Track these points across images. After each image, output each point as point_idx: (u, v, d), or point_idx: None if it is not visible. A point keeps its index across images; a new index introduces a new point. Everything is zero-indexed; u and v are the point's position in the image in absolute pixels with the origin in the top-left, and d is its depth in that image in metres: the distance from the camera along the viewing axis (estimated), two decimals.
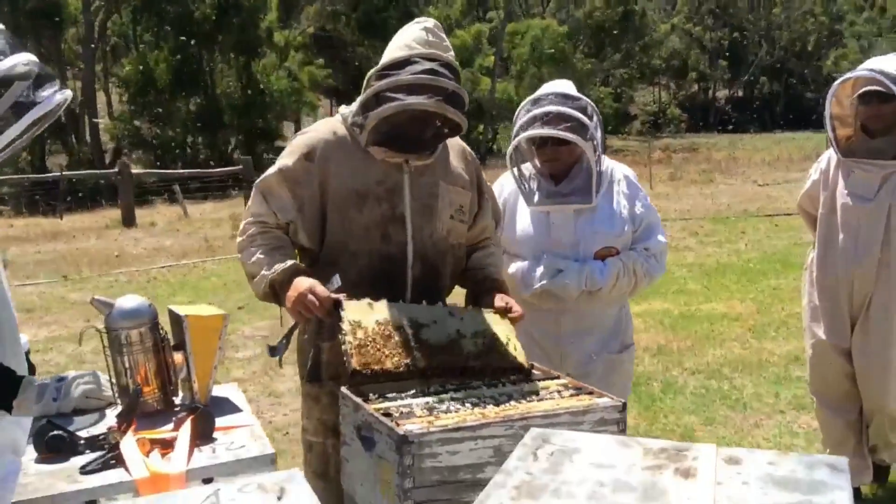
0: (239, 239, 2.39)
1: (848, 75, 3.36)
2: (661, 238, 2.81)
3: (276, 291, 2.25)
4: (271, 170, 2.37)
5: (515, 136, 2.75)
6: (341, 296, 2.14)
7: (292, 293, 2.17)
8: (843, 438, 3.51)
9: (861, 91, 3.26)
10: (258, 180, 2.40)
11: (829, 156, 3.45)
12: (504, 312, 2.30)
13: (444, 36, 2.33)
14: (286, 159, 2.35)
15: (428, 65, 2.23)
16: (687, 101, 50.21)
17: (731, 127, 44.24)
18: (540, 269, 2.71)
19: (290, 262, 2.28)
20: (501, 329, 2.26)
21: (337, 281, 2.16)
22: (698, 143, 35.79)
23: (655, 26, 47.59)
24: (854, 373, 3.42)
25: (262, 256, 2.29)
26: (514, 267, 2.80)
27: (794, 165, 21.81)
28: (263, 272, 2.27)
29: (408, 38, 2.30)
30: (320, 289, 2.15)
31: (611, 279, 2.70)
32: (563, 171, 2.78)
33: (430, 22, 2.36)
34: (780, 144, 31.23)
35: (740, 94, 52.07)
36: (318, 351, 2.39)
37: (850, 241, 3.32)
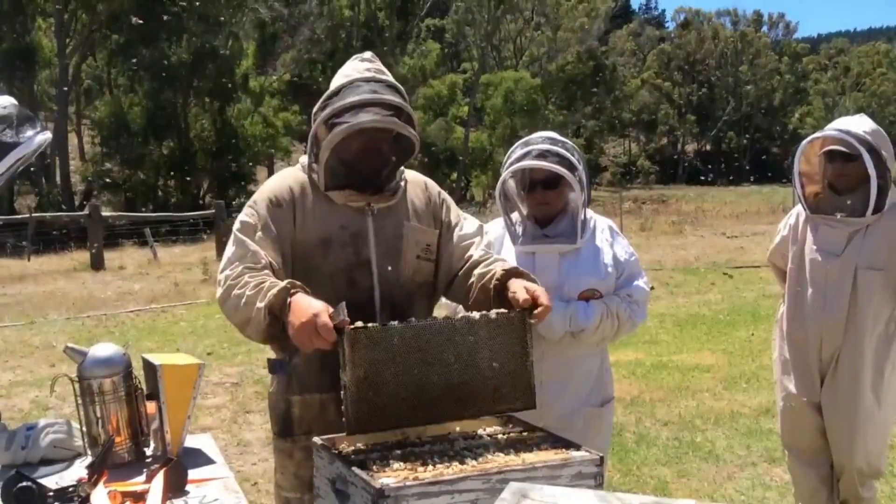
0: (220, 291, 2.19)
1: (816, 135, 3.46)
2: (643, 285, 2.84)
3: (276, 319, 2.03)
4: (244, 217, 2.29)
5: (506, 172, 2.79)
6: (345, 319, 1.95)
7: (294, 320, 1.96)
8: (815, 492, 3.53)
9: (827, 149, 3.36)
10: (236, 226, 2.30)
11: (798, 211, 3.52)
12: (530, 308, 2.10)
13: (381, 65, 2.34)
14: (254, 208, 2.30)
15: (369, 85, 2.22)
16: (656, 153, 51.23)
17: (699, 179, 45.12)
18: None
19: (283, 283, 2.06)
20: (518, 346, 2.11)
21: (343, 310, 1.96)
22: (667, 194, 36.43)
23: (626, 81, 48.70)
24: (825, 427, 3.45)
25: (251, 293, 2.08)
26: None
27: (762, 218, 22.28)
28: (258, 305, 2.05)
29: (346, 70, 2.32)
30: (323, 318, 1.93)
31: (594, 321, 2.71)
32: (550, 217, 2.83)
33: (366, 54, 2.38)
34: (748, 197, 31.90)
35: (708, 147, 53.30)
36: (289, 405, 2.33)
37: (818, 297, 3.38)
